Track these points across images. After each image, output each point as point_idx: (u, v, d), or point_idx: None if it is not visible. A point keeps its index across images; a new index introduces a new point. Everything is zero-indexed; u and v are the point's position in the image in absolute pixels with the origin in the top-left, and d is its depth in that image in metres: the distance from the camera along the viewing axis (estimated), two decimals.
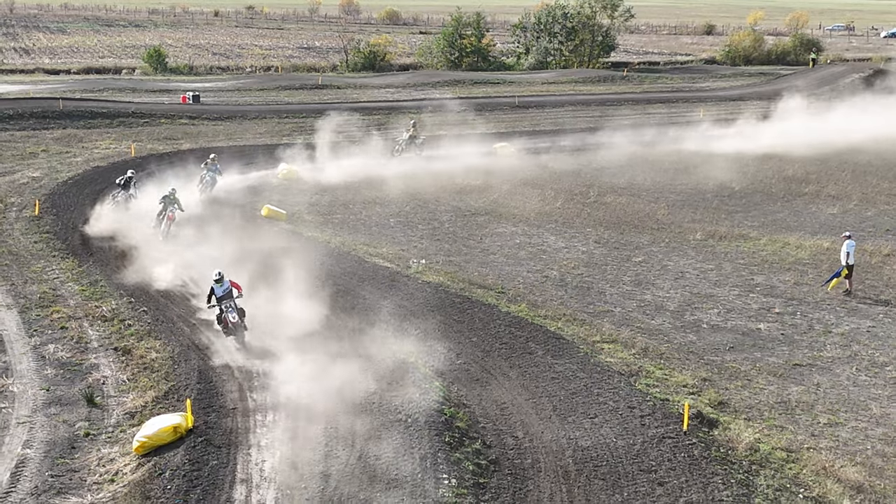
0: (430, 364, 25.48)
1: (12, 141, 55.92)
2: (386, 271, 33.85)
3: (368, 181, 48.45)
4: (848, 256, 32.61)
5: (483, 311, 29.82)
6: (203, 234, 36.61)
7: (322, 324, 27.57)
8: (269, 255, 32.77)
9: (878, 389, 25.56)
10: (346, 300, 30.24)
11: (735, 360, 27.21)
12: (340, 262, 34.67)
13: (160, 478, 19.59)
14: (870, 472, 21.17)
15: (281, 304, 28.22)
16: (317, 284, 30.30)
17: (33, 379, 25.07)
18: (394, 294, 30.76)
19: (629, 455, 21.02)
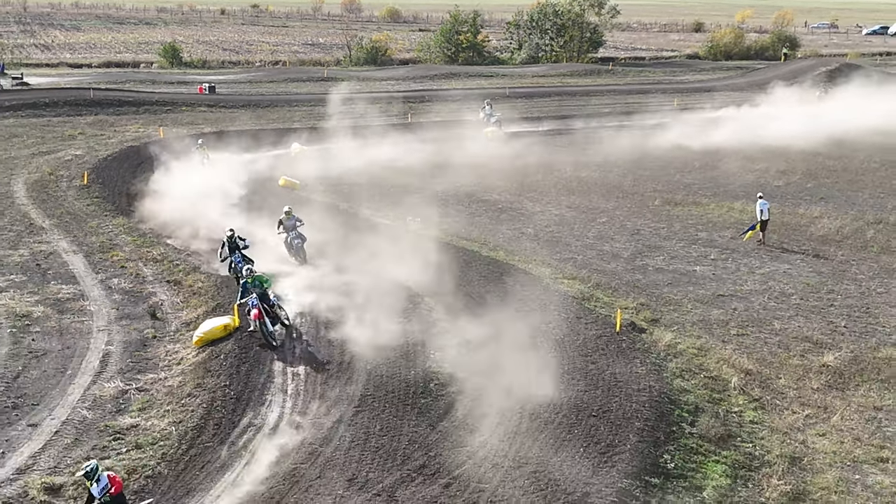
0: (424, 286, 31.77)
1: (50, 126, 62.23)
2: (388, 227, 40.20)
3: (374, 160, 54.69)
4: (762, 213, 39.08)
5: (466, 255, 36.17)
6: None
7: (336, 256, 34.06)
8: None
9: (782, 312, 31.85)
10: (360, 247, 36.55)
11: (670, 292, 33.51)
12: (351, 221, 40.97)
13: (217, 359, 25.95)
14: (759, 363, 27.49)
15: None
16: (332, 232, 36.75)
17: (105, 302, 31.37)
18: (395, 244, 36.89)
19: (573, 345, 27.38)
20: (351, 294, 30.30)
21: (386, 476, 20.73)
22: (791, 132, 61.36)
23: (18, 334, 28.31)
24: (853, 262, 37.37)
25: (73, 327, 29.08)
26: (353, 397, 24.17)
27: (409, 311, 29.66)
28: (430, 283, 31.85)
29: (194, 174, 45.96)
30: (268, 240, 35.67)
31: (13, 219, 40.46)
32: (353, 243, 35.98)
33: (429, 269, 32.66)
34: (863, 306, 32.41)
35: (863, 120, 64.30)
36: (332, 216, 40.71)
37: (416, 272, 32.51)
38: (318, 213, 39.98)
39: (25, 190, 45.16)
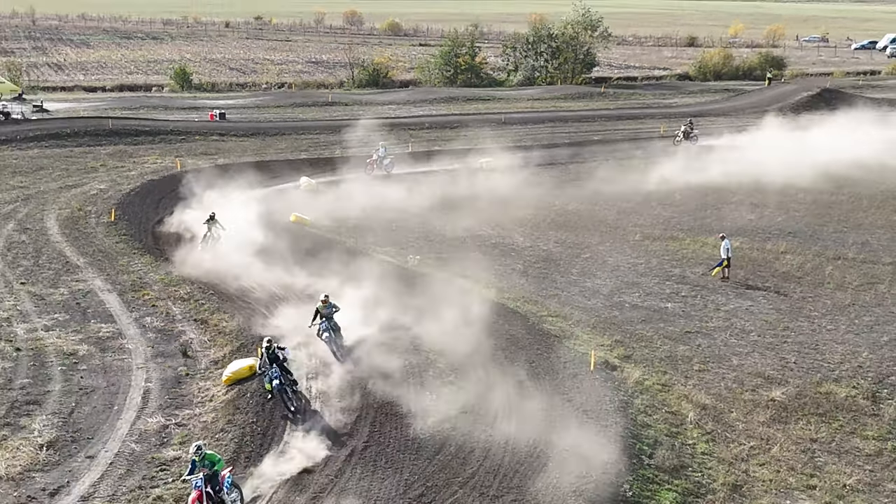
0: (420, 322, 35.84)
1: (73, 156, 66.48)
2: (388, 264, 44.30)
3: (376, 192, 58.80)
4: (727, 251, 43.30)
5: (460, 292, 40.26)
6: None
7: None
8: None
9: (741, 348, 35.98)
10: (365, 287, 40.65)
11: (643, 329, 37.63)
12: (356, 259, 45.07)
13: (244, 397, 30.10)
14: (715, 398, 31.62)
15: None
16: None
17: (140, 340, 35.52)
18: (394, 281, 40.90)
19: (552, 383, 31.52)
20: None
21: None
22: (769, 163, 65.14)
23: (68, 372, 32.44)
24: (809, 298, 41.50)
25: (115, 365, 33.22)
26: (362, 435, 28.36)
27: (408, 351, 33.75)
28: (423, 321, 35.88)
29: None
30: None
31: (50, 257, 44.61)
32: (353, 277, 39.96)
33: (424, 309, 36.69)
34: (812, 343, 36.53)
35: (839, 151, 68.06)
36: (338, 253, 44.80)
37: (411, 308, 36.57)
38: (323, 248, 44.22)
39: (58, 227, 49.31)
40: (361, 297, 36.77)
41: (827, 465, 27.85)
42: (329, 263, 41.19)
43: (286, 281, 40.45)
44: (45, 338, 35.20)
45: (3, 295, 39.48)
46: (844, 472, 27.39)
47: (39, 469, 26.51)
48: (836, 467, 27.69)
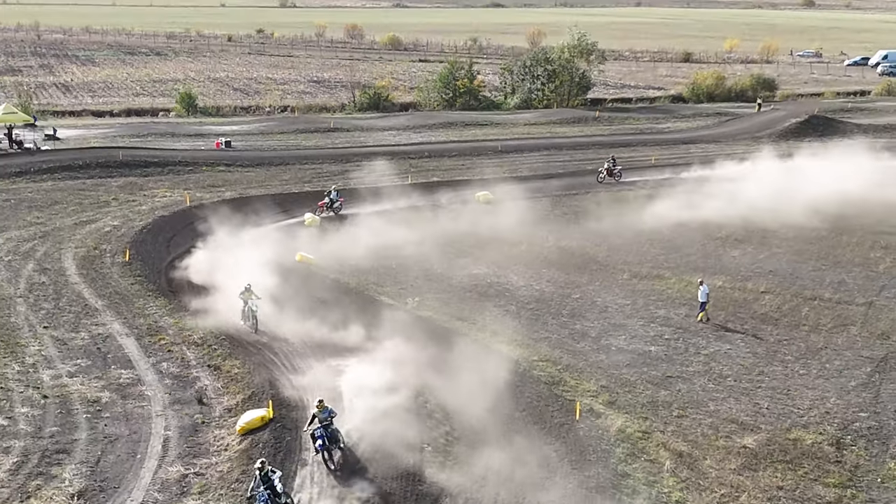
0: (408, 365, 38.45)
1: (85, 189, 69.09)
2: (389, 307, 46.97)
3: (377, 229, 61.39)
4: (706, 296, 45.96)
5: (458, 338, 42.88)
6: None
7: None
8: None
9: (718, 393, 38.65)
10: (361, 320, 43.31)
11: (628, 374, 40.30)
12: (355, 299, 47.75)
13: (257, 447, 32.75)
14: (691, 445, 34.28)
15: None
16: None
17: (158, 387, 38.16)
18: (387, 321, 43.38)
19: (540, 433, 34.22)
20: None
21: None
22: (754, 197, 67.75)
23: (93, 420, 35.07)
24: (785, 341, 44.15)
25: (136, 412, 35.84)
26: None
27: (408, 402, 36.43)
28: (416, 363, 38.55)
29: (224, 258, 52.44)
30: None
31: (70, 299, 47.19)
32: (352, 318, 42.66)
33: (420, 353, 39.37)
34: (784, 388, 39.19)
35: (823, 184, 70.50)
36: (336, 291, 47.48)
37: (406, 354, 39.29)
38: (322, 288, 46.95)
39: (76, 267, 51.83)
40: (359, 355, 39.62)
41: None
42: (332, 311, 43.93)
43: (295, 329, 43.05)
44: (69, 384, 37.80)
45: (28, 340, 42.05)
46: None
47: None
48: None
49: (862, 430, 35.84)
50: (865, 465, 33.44)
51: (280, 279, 48.45)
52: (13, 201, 65.02)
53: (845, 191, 69.17)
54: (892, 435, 35.55)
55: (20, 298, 47.00)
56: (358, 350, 40.50)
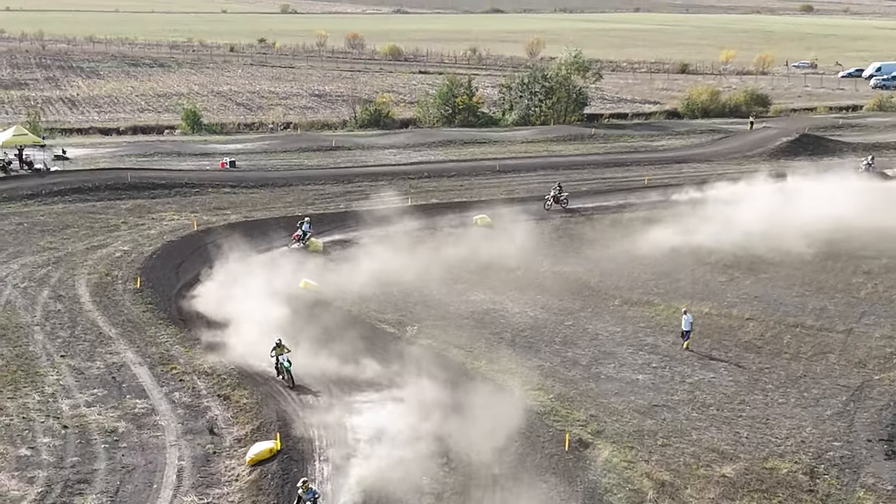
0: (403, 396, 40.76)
1: (95, 212, 71.35)
2: (390, 336, 49.27)
3: (377, 255, 63.65)
4: (689, 325, 48.19)
5: (454, 368, 45.10)
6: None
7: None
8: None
9: (700, 422, 40.87)
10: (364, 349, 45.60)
11: (616, 402, 42.52)
12: (357, 328, 49.98)
13: (265, 478, 35.01)
14: (674, 474, 36.49)
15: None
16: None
17: (171, 416, 40.39)
18: (387, 351, 45.73)
19: (531, 465, 36.45)
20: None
21: None
22: (744, 222, 69.76)
23: (111, 450, 37.30)
24: (766, 370, 46.36)
25: (151, 442, 38.08)
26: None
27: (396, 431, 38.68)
28: (414, 392, 40.83)
29: (231, 286, 54.75)
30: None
31: (85, 327, 49.42)
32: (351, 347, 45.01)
33: (417, 384, 41.66)
34: (764, 417, 41.41)
35: (811, 208, 72.59)
36: (338, 319, 49.75)
37: (402, 381, 41.61)
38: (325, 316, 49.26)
39: (89, 294, 54.06)
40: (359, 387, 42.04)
41: None
42: (335, 341, 46.26)
43: (302, 361, 45.27)
44: (87, 414, 40.04)
45: (46, 369, 44.30)
46: None
47: None
48: None
49: (835, 459, 38.00)
50: (836, 493, 35.58)
51: (285, 309, 50.72)
52: (26, 225, 67.35)
53: (832, 215, 70.99)
54: (864, 464, 37.68)
55: (37, 327, 49.26)
56: (362, 382, 42.84)
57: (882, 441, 39.61)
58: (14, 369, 44.08)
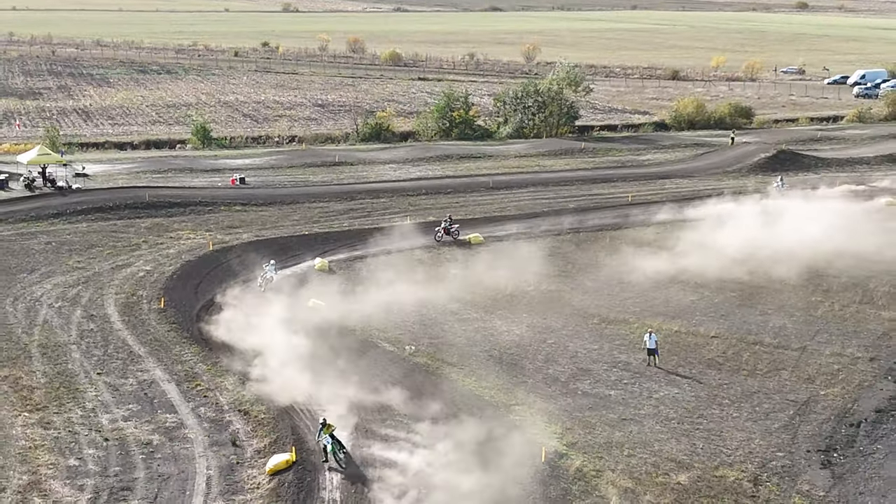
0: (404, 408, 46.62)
1: (117, 231, 77.19)
2: (386, 351, 55.09)
3: (381, 275, 69.42)
4: (656, 344, 53.97)
5: (447, 383, 50.92)
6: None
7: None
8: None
9: (663, 434, 46.55)
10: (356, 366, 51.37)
11: (590, 416, 48.23)
12: (360, 346, 55.73)
13: (283, 486, 40.81)
14: (636, 482, 42.25)
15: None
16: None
17: (198, 429, 46.15)
18: (381, 367, 51.61)
19: (510, 474, 42.19)
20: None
21: None
22: (716, 241, 75.40)
23: (147, 460, 43.09)
24: (724, 385, 52.02)
25: (182, 453, 43.86)
26: None
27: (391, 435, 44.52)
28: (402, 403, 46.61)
29: (244, 306, 60.65)
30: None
31: (117, 346, 55.24)
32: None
33: (413, 399, 47.43)
34: (718, 430, 47.11)
35: (781, 225, 78.37)
36: (343, 338, 55.52)
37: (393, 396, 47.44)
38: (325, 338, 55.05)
39: (118, 314, 59.84)
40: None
41: None
42: (340, 358, 52.19)
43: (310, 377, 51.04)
44: (125, 428, 45.82)
45: (85, 386, 50.07)
46: None
47: None
48: None
49: (777, 468, 43.67)
50: (775, 499, 41.22)
51: (295, 328, 56.59)
52: (54, 244, 73.21)
53: (798, 234, 76.57)
54: (801, 472, 43.34)
55: (73, 345, 55.05)
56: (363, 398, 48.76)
57: (819, 451, 45.16)
58: (57, 386, 49.81)
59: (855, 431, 47.31)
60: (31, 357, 53.26)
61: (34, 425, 45.63)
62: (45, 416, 46.53)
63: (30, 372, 51.34)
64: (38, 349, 54.34)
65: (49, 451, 43.40)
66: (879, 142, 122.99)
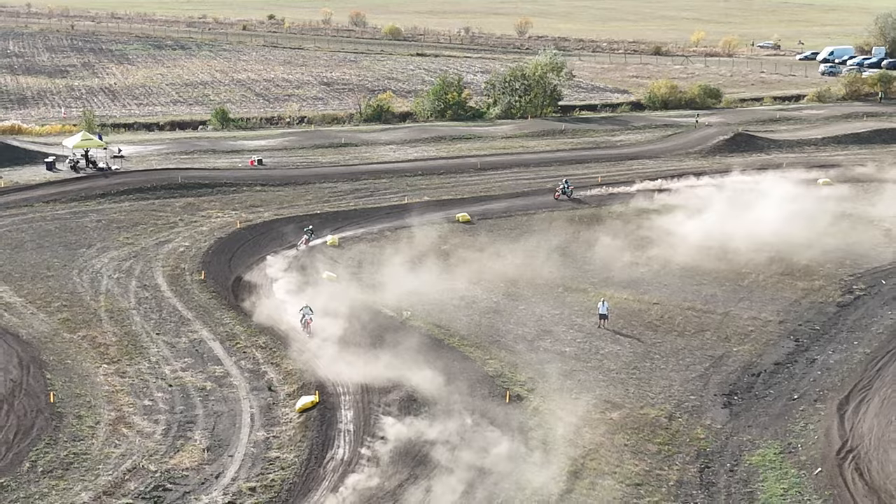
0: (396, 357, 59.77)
1: (156, 210, 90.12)
2: (387, 316, 68.06)
3: (376, 250, 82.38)
4: (607, 310, 66.81)
5: (434, 341, 63.91)
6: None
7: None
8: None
9: (604, 382, 58.92)
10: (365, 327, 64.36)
11: (548, 368, 60.76)
12: (364, 311, 68.69)
13: (309, 420, 53.76)
14: (578, 417, 55.07)
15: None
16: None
17: (241, 378, 58.96)
18: (385, 328, 64.70)
19: (480, 411, 55.14)
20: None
21: None
22: (674, 221, 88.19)
23: (204, 401, 55.93)
24: (658, 343, 64.72)
25: (230, 395, 56.81)
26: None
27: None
28: (397, 355, 59.70)
29: (271, 277, 73.81)
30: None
31: (169, 311, 68.15)
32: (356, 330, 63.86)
33: (406, 352, 60.51)
34: (648, 378, 59.92)
35: (725, 204, 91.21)
36: (351, 305, 68.50)
37: (389, 350, 60.50)
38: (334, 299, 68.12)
39: (166, 284, 72.64)
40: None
41: (625, 459, 51.42)
42: (349, 321, 65.16)
43: (325, 334, 63.97)
44: (183, 377, 58.77)
45: (148, 344, 63.02)
46: (634, 464, 50.97)
47: (206, 463, 50.18)
48: (632, 462, 51.34)
49: (688, 407, 56.34)
50: (683, 430, 53.80)
51: (313, 294, 69.64)
52: (104, 222, 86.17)
53: (741, 211, 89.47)
54: (706, 411, 55.97)
55: (133, 311, 67.96)
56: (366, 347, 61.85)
57: (724, 395, 57.90)
58: (126, 343, 62.74)
59: (754, 380, 59.88)
60: (102, 320, 66.02)
61: (112, 374, 58.41)
62: (120, 367, 59.32)
63: (102, 332, 64.09)
64: (105, 314, 67.09)
65: (127, 394, 56.10)
66: (832, 123, 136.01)
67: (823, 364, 61.96)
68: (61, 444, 49.71)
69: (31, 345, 61.09)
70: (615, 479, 48.67)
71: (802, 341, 65.48)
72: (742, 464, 50.37)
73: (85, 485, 46.27)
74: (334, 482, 47.50)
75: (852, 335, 66.41)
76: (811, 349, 64.24)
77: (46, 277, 72.96)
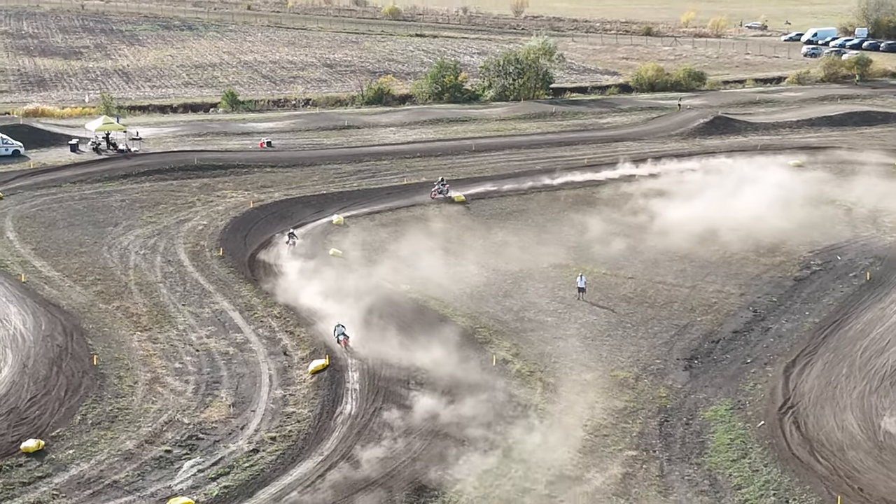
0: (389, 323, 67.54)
1: (174, 190, 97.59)
2: (387, 289, 75.69)
3: (379, 232, 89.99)
4: (585, 284, 74.27)
5: (431, 312, 71.56)
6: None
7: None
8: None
9: (580, 348, 66.26)
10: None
11: (531, 336, 68.19)
12: (366, 283, 76.34)
13: (322, 381, 61.21)
14: (555, 378, 62.77)
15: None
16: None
17: (259, 344, 66.42)
18: (384, 300, 72.44)
19: (466, 373, 62.61)
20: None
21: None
22: (649, 202, 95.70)
23: (228, 364, 63.30)
24: (630, 314, 72.08)
25: (250, 359, 64.34)
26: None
27: None
28: (397, 325, 67.41)
29: (283, 253, 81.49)
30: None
31: (192, 284, 75.53)
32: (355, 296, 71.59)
33: (402, 321, 68.23)
34: (619, 345, 67.16)
35: (697, 185, 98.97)
36: (357, 278, 76.16)
37: (390, 319, 68.16)
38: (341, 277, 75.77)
39: (188, 259, 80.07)
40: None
41: (595, 415, 59.11)
42: (355, 296, 72.75)
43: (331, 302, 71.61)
44: (208, 343, 66.18)
45: (175, 314, 70.44)
46: (603, 418, 58.59)
47: (232, 417, 57.84)
48: (601, 416, 58.99)
49: (653, 370, 63.61)
50: (647, 390, 61.07)
51: (321, 268, 77.22)
52: (128, 201, 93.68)
53: (715, 193, 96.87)
54: (669, 373, 63.31)
55: (160, 283, 75.38)
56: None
57: (685, 359, 65.29)
58: (155, 313, 70.23)
59: (714, 346, 67.07)
60: (132, 292, 73.57)
61: (145, 341, 65.92)
62: (152, 335, 66.84)
63: (134, 303, 71.63)
64: (135, 286, 74.63)
65: (159, 357, 63.47)
66: (808, 105, 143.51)
67: (776, 332, 69.14)
68: (106, 401, 57.17)
69: (71, 314, 68.41)
70: (586, 430, 55.86)
71: (760, 312, 72.55)
72: (697, 418, 57.67)
73: (129, 434, 53.71)
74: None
75: (805, 306, 73.58)
76: (767, 319, 71.39)
77: (80, 253, 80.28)
